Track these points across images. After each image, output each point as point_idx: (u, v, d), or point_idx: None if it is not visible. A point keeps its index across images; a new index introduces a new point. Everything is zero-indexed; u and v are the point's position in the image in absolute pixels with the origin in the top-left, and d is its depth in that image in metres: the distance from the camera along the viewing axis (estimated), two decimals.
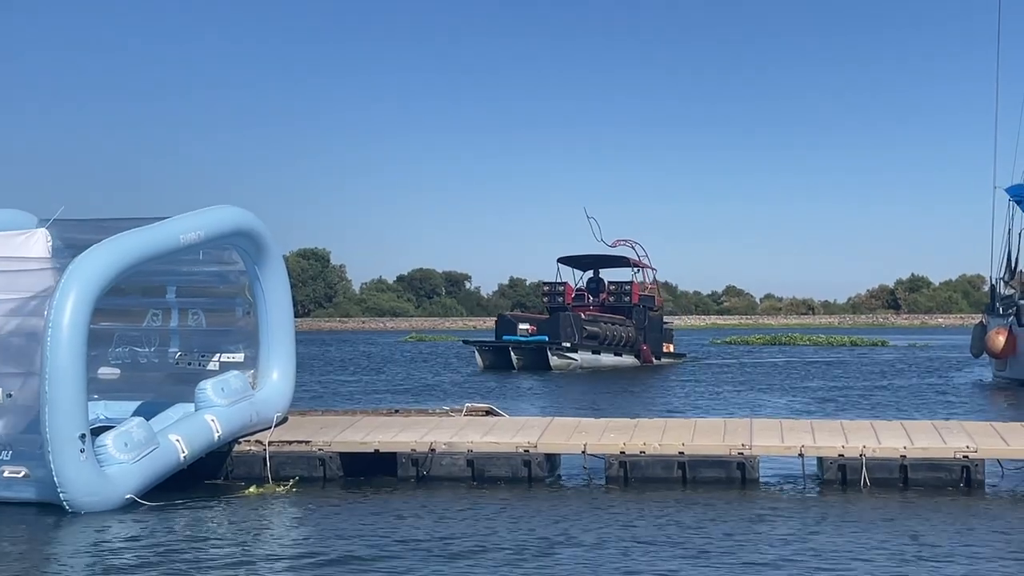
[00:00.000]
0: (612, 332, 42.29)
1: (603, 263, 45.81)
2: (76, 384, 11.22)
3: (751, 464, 13.09)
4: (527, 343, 41.24)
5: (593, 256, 45.23)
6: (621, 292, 44.51)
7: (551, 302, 44.68)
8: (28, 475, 11.42)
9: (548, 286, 45.68)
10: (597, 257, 45.35)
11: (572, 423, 14.80)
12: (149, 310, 14.51)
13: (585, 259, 45.51)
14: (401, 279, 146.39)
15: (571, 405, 25.20)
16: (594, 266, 45.83)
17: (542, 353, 40.66)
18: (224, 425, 13.09)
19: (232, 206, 13.68)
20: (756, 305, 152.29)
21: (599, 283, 45.52)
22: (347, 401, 26.36)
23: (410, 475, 13.35)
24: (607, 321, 42.33)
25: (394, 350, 62.37)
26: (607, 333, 42.05)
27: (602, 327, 41.88)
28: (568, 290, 44.67)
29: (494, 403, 17.62)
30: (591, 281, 45.69)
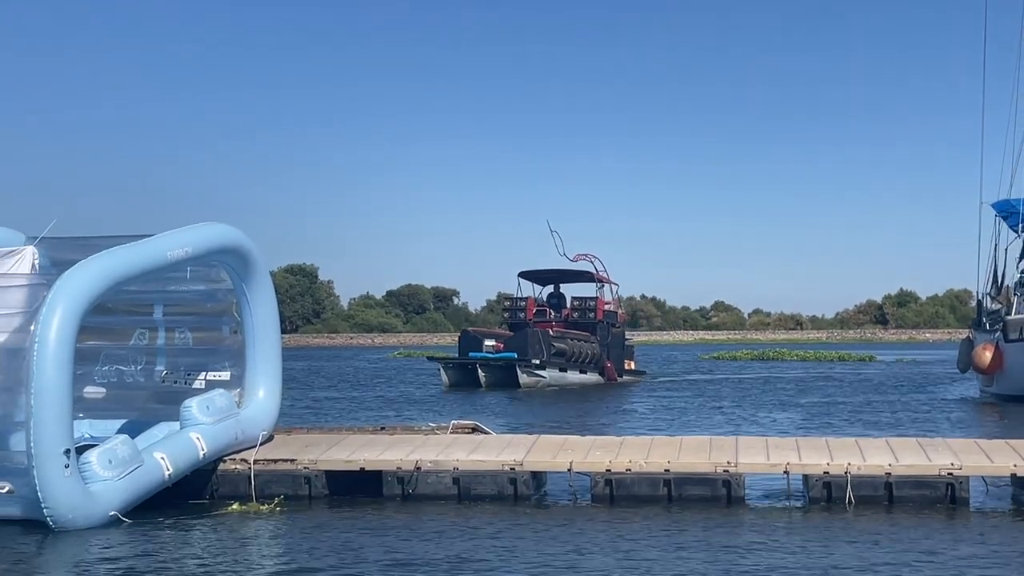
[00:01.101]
0: (578, 349, 41.32)
1: (565, 278, 44.75)
2: (62, 400, 11.21)
3: (737, 482, 13.11)
4: (495, 360, 40.17)
5: (555, 271, 44.15)
6: (585, 308, 43.35)
7: (512, 317, 43.61)
8: (12, 491, 11.39)
9: (509, 301, 44.72)
10: (559, 272, 44.25)
11: (558, 441, 14.80)
12: (136, 328, 14.48)
13: (546, 274, 44.48)
14: (390, 295, 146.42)
15: (549, 423, 25.16)
16: (555, 281, 44.79)
17: (511, 370, 39.67)
18: (209, 443, 13.07)
19: (219, 223, 13.68)
20: (744, 320, 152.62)
21: (560, 298, 44.53)
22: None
23: (396, 493, 13.34)
24: (573, 338, 41.41)
25: (362, 367, 62.23)
26: (573, 350, 41.09)
27: (569, 343, 40.94)
28: (530, 305, 43.55)
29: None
30: (552, 296, 44.64)
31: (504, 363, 39.89)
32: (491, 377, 39.85)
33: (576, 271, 44.16)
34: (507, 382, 39.36)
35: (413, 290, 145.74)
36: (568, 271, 44.12)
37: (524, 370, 39.54)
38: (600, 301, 43.54)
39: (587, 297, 43.86)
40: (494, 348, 40.60)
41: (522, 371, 39.48)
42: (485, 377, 39.83)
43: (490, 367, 40.05)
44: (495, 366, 40.08)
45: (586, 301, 43.59)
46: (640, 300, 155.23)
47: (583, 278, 44.44)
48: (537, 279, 44.75)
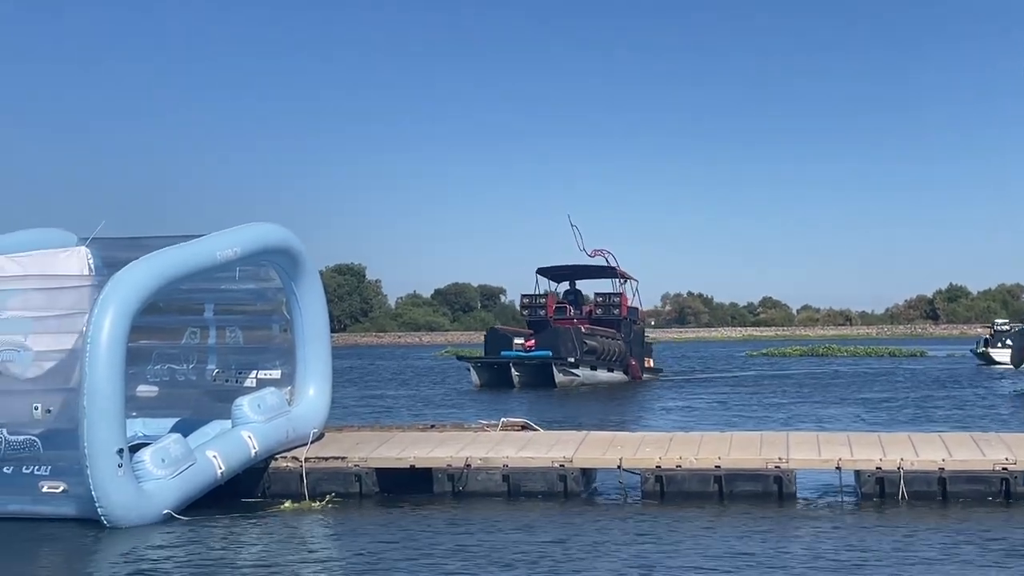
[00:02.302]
0: (606, 347, 40.10)
1: (584, 273, 43.46)
2: (114, 400, 11.32)
3: (788, 478, 13.02)
4: (529, 359, 38.89)
5: (575, 267, 42.83)
6: (609, 304, 42.02)
7: (532, 315, 42.37)
8: (67, 490, 11.51)
9: (528, 298, 43.22)
10: (578, 267, 42.90)
11: (607, 438, 14.77)
12: (187, 328, 14.59)
13: (565, 270, 43.11)
14: (437, 293, 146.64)
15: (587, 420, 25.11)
16: (573, 276, 43.56)
17: (545, 369, 38.37)
18: (261, 441, 13.15)
19: (268, 223, 13.75)
20: (793, 316, 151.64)
21: (577, 294, 43.48)
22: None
23: (446, 490, 13.35)
24: (602, 335, 40.20)
25: (395, 366, 62.33)
26: (603, 347, 39.89)
27: (599, 341, 39.75)
28: (550, 302, 42.43)
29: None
30: (568, 292, 43.47)
31: (539, 362, 38.71)
32: (524, 376, 38.64)
33: (597, 267, 43.00)
34: (541, 381, 38.15)
35: (460, 288, 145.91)
36: (589, 267, 42.98)
37: (560, 369, 38.32)
38: (624, 297, 42.54)
39: (611, 293, 42.61)
40: (524, 346, 39.46)
41: (558, 370, 38.25)
42: (518, 376, 38.59)
43: (524, 366, 38.87)
44: (529, 365, 38.89)
45: (609, 297, 42.39)
46: (687, 297, 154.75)
47: (603, 274, 43.32)
48: (555, 275, 43.50)
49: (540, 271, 43.02)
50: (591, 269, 43.12)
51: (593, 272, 43.42)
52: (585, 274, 43.68)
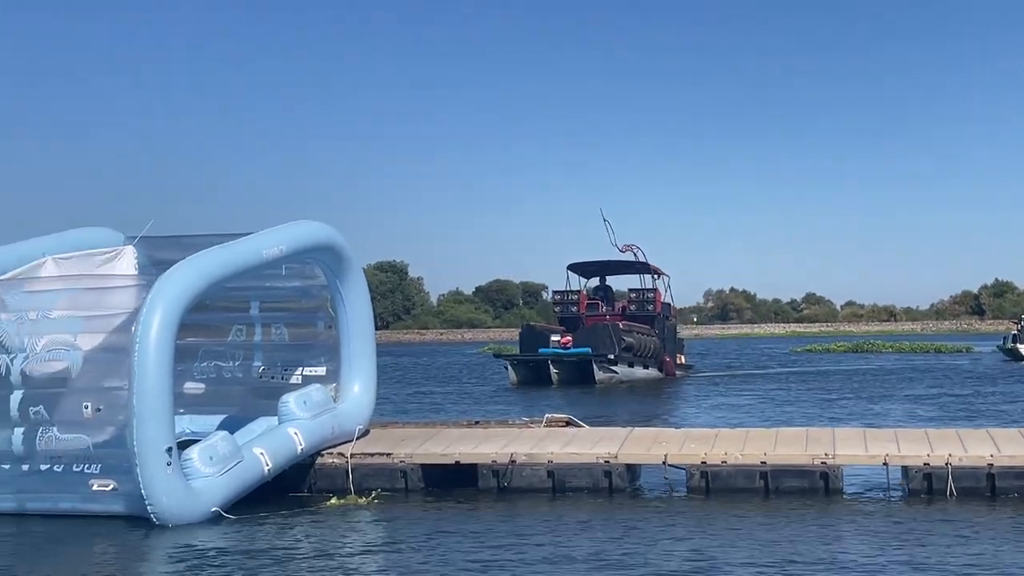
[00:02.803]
0: (642, 343, 39.36)
1: (616, 269, 42.76)
2: (163, 398, 11.41)
3: (834, 474, 12.94)
4: (568, 356, 38.09)
5: (605, 262, 42.08)
6: (643, 300, 41.39)
7: (564, 311, 41.68)
8: (116, 488, 11.61)
9: (560, 295, 42.67)
10: (610, 263, 42.18)
11: (652, 434, 14.74)
12: (233, 325, 14.68)
13: (596, 265, 42.35)
14: (478, 291, 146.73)
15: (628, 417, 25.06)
16: (606, 272, 42.89)
17: (585, 367, 37.57)
18: (307, 438, 13.21)
19: (313, 221, 13.82)
20: (837, 312, 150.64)
21: (607, 290, 42.81)
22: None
23: (491, 486, 13.38)
24: (638, 331, 39.44)
25: (430, 363, 62.39)
26: (639, 344, 39.13)
27: (636, 338, 38.97)
28: (582, 298, 41.73)
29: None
30: (598, 288, 42.75)
31: (578, 359, 37.88)
32: (563, 373, 37.86)
33: (630, 262, 42.35)
34: (580, 378, 37.41)
35: (502, 286, 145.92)
36: (621, 262, 42.34)
37: (599, 366, 37.55)
38: (658, 293, 41.91)
39: (645, 289, 42.00)
40: (560, 343, 38.63)
41: (597, 367, 37.48)
42: (557, 374, 37.80)
43: (563, 363, 38.05)
44: (568, 362, 38.06)
45: (643, 293, 41.75)
46: (730, 293, 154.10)
47: (636, 269, 42.63)
48: (586, 271, 42.84)
49: (571, 267, 42.47)
50: (623, 265, 42.59)
51: (625, 267, 42.86)
52: (617, 270, 43.15)
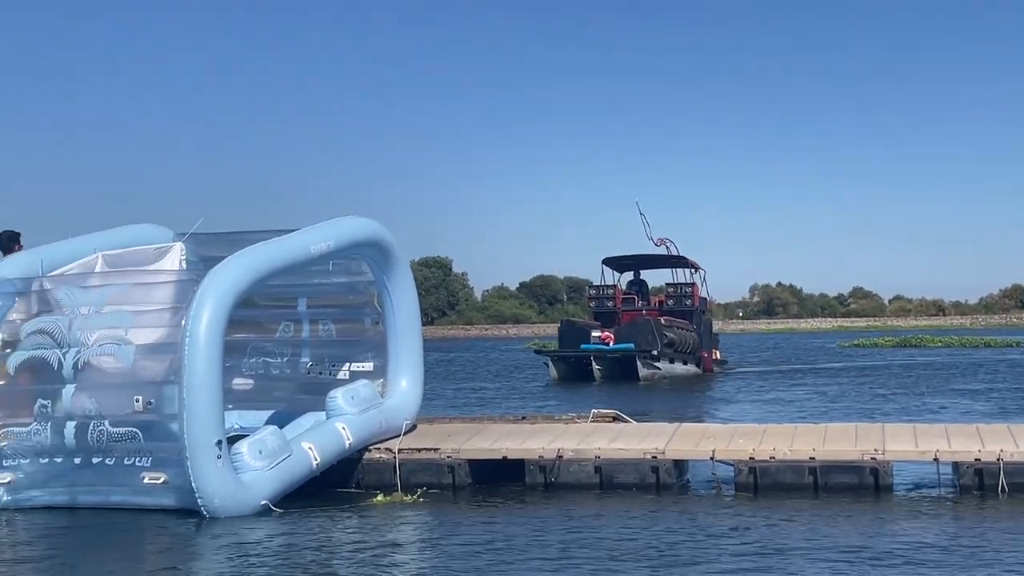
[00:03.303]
0: (683, 338, 38.87)
1: (652, 263, 42.22)
2: (212, 392, 11.50)
3: (884, 470, 12.84)
4: (611, 352, 37.54)
5: (641, 256, 41.59)
6: (681, 295, 40.74)
7: (599, 306, 41.02)
8: (167, 481, 11.71)
9: (595, 289, 41.96)
10: (646, 257, 41.69)
11: (699, 429, 14.70)
12: (281, 321, 14.76)
13: (632, 259, 41.75)
14: (523, 286, 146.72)
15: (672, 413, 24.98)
16: (643, 266, 42.30)
17: (629, 363, 37.00)
18: (355, 433, 13.27)
19: (360, 217, 13.88)
20: (884, 307, 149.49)
21: (642, 285, 42.16)
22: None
23: (538, 482, 13.38)
24: (679, 327, 38.95)
25: (470, 359, 62.44)
26: (680, 340, 38.66)
27: (677, 333, 38.51)
28: (617, 293, 41.15)
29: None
30: (633, 283, 42.09)
31: (621, 355, 37.33)
32: (606, 370, 37.30)
33: (666, 256, 41.83)
34: (624, 375, 36.84)
35: (546, 281, 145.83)
36: (657, 256, 41.84)
37: (643, 362, 37.08)
38: (696, 288, 41.28)
39: (683, 284, 41.37)
40: (602, 339, 38.15)
41: (641, 363, 37.00)
42: (599, 370, 37.19)
43: (605, 360, 37.50)
44: (611, 359, 37.52)
45: (681, 287, 41.13)
46: (776, 288, 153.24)
47: (673, 263, 42.05)
48: (621, 265, 42.22)
49: (606, 261, 41.86)
50: (659, 258, 42.06)
51: (662, 261, 42.30)
52: (653, 263, 42.57)
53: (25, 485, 12.22)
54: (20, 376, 12.38)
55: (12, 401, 12.39)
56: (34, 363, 12.33)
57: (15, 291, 12.71)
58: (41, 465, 12.18)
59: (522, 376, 42.22)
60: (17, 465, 12.21)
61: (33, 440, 12.13)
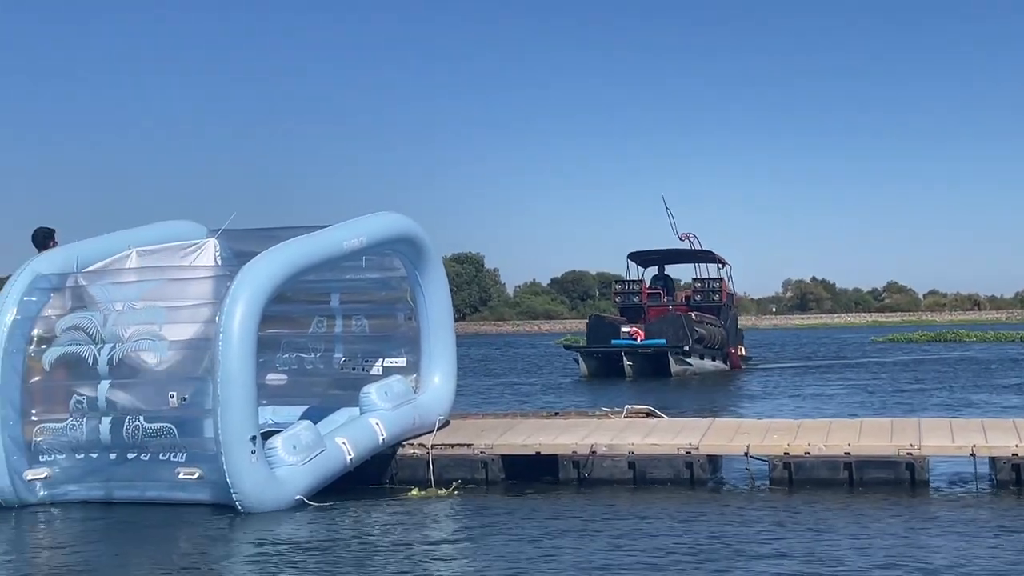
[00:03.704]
0: (712, 334, 38.40)
1: (678, 258, 41.68)
2: (246, 388, 11.53)
3: (920, 465, 12.74)
4: (642, 348, 37.02)
5: (667, 251, 41.00)
6: (709, 290, 40.12)
7: (625, 301, 40.42)
8: (202, 476, 11.75)
9: (621, 284, 41.38)
10: (672, 251, 41.09)
11: (733, 424, 14.64)
12: (314, 316, 14.80)
13: (655, 254, 41.16)
14: (554, 282, 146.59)
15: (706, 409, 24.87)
16: (668, 261, 41.75)
17: (660, 359, 36.51)
18: (388, 428, 13.28)
19: (393, 212, 13.88)
20: (919, 301, 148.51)
21: (667, 280, 41.61)
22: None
23: (571, 477, 13.35)
24: (708, 323, 38.45)
25: (501, 355, 62.39)
26: (709, 335, 38.18)
27: (706, 329, 38.01)
28: (643, 288, 40.50)
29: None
30: (657, 278, 41.45)
31: (654, 351, 36.80)
32: (637, 366, 36.73)
33: (693, 251, 41.32)
34: (654, 371, 36.35)
35: (577, 276, 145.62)
36: (684, 251, 41.35)
37: (675, 358, 36.63)
38: (724, 283, 40.72)
39: (710, 279, 40.84)
40: (631, 335, 37.62)
41: (674, 359, 36.56)
42: (630, 366, 36.57)
43: (637, 356, 36.96)
44: (642, 354, 37.01)
45: (708, 282, 40.58)
46: (809, 283, 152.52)
47: (699, 258, 41.54)
48: (647, 260, 41.68)
49: (632, 256, 41.40)
50: (685, 253, 41.57)
51: (688, 256, 41.79)
52: (679, 258, 42.08)
53: (61, 480, 12.31)
54: (56, 372, 12.45)
55: (48, 396, 12.47)
56: (69, 359, 12.41)
57: (50, 287, 12.79)
58: (77, 460, 12.26)
59: (553, 372, 42.15)
60: (53, 460, 12.30)
61: (69, 435, 12.21)
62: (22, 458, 12.23)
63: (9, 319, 12.40)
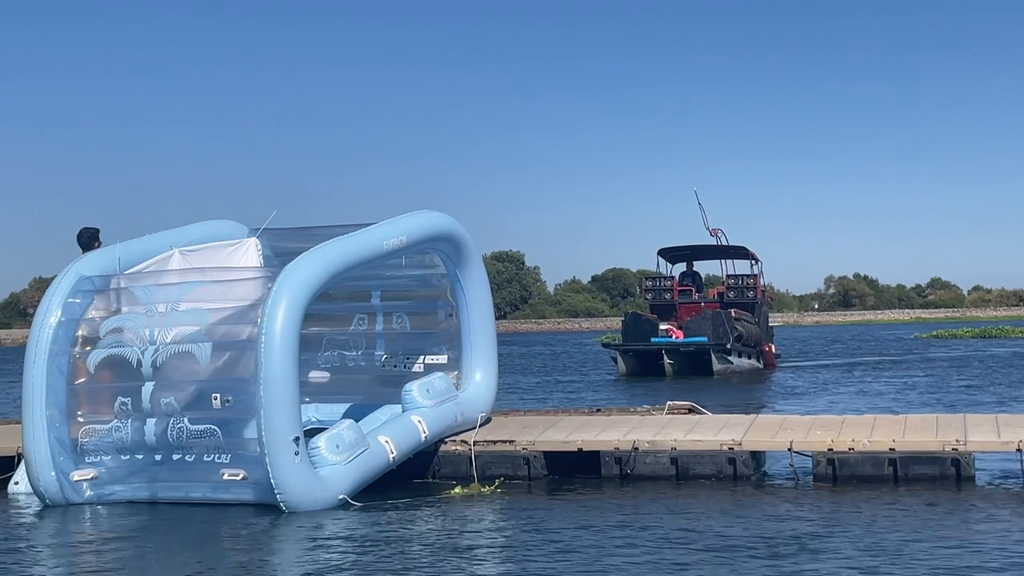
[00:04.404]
0: (749, 331, 37.63)
1: (710, 254, 40.91)
2: (289, 388, 11.56)
3: (966, 461, 12.61)
4: (684, 346, 36.21)
5: (698, 246, 40.36)
6: (743, 287, 39.22)
7: (656, 298, 39.44)
8: (246, 477, 11.80)
9: (651, 281, 40.46)
10: (704, 247, 40.42)
11: (776, 420, 14.56)
12: (355, 314, 14.84)
13: (685, 250, 40.37)
14: (595, 279, 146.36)
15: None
16: (693, 257, 40.91)
17: (703, 357, 35.83)
18: (430, 426, 13.31)
19: (433, 211, 13.89)
20: (963, 298, 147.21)
21: (695, 276, 40.68)
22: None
23: (614, 473, 13.33)
24: (745, 320, 37.67)
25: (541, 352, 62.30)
26: (747, 333, 37.45)
27: (744, 326, 37.28)
28: (675, 285, 39.70)
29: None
30: (686, 275, 40.54)
31: (695, 348, 36.07)
32: (677, 364, 35.98)
33: (724, 246, 40.62)
34: (697, 369, 35.68)
35: (618, 274, 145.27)
36: (715, 247, 40.69)
37: (718, 356, 35.96)
38: (758, 279, 39.93)
39: (745, 275, 39.94)
40: (668, 332, 36.85)
41: (716, 357, 35.87)
42: (671, 365, 35.86)
43: (679, 354, 36.21)
44: (684, 353, 36.25)
45: (743, 279, 39.66)
46: (852, 279, 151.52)
47: (729, 253, 40.79)
48: (675, 256, 40.84)
49: (662, 252, 40.68)
50: (717, 249, 40.91)
51: (719, 252, 41.06)
52: (711, 254, 41.30)
53: (107, 480, 12.40)
54: (100, 373, 12.54)
55: (93, 398, 12.57)
56: (113, 360, 12.49)
57: (94, 289, 12.88)
58: (123, 461, 12.35)
59: (595, 369, 42.07)
60: (100, 461, 12.39)
61: (114, 436, 12.29)
62: (68, 459, 12.34)
63: (54, 321, 12.51)
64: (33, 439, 12.27)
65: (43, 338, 12.43)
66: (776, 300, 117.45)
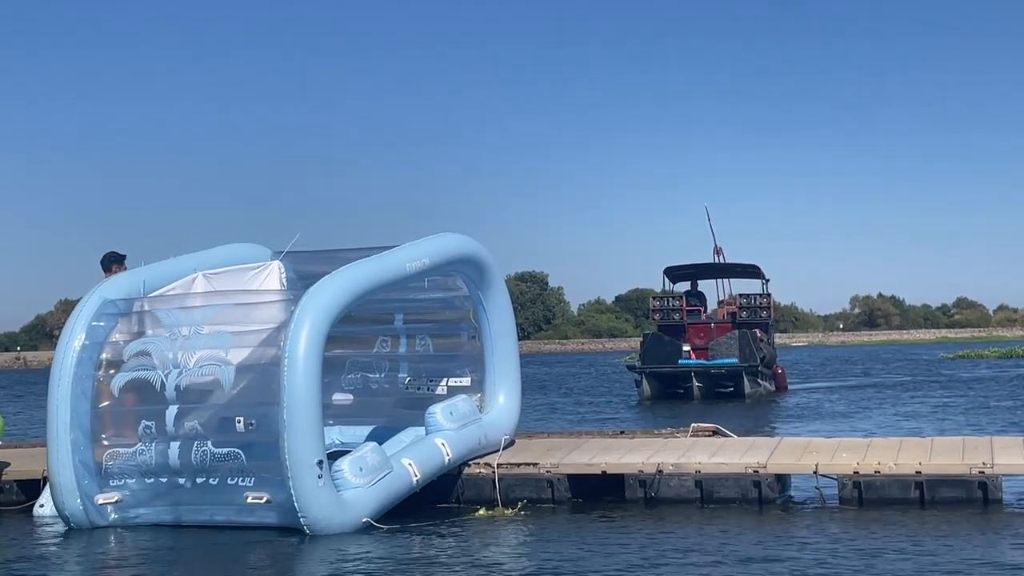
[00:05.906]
0: (769, 353, 36.90)
1: (717, 272, 40.03)
2: (313, 412, 11.55)
3: (993, 484, 12.50)
4: (715, 368, 35.32)
5: (702, 265, 39.61)
6: (757, 307, 38.17)
7: (664, 318, 38.24)
8: (270, 500, 11.79)
9: (659, 300, 39.41)
10: (710, 266, 39.68)
11: (802, 443, 14.47)
12: (378, 337, 14.83)
13: (692, 268, 39.59)
14: (619, 299, 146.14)
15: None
16: (698, 276, 39.83)
17: (734, 379, 34.84)
18: (454, 448, 13.28)
19: (455, 234, 13.89)
20: (989, 317, 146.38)
21: (700, 296, 39.59)
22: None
23: (638, 496, 13.26)
24: (764, 341, 36.83)
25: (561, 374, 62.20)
26: (768, 354, 36.69)
27: (765, 347, 36.50)
28: (683, 304, 38.46)
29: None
30: (690, 294, 39.37)
31: (727, 370, 35.26)
32: (705, 387, 35.15)
33: (733, 264, 39.87)
34: (725, 392, 34.89)
35: (642, 294, 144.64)
36: (724, 265, 39.93)
37: (750, 379, 35.01)
38: (771, 299, 39.05)
39: (757, 294, 38.94)
40: (689, 354, 36.05)
41: (748, 380, 34.91)
42: (699, 387, 34.99)
43: (708, 375, 35.34)
44: (714, 375, 35.41)
45: (755, 298, 38.60)
46: (877, 299, 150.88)
47: (738, 272, 40.05)
48: (682, 275, 40.01)
49: (668, 271, 39.97)
50: (726, 267, 40.13)
51: (727, 271, 40.30)
52: (719, 272, 40.36)
53: (132, 503, 12.41)
54: (124, 397, 12.57)
55: (118, 421, 12.60)
56: (137, 384, 12.51)
57: (118, 312, 12.92)
58: (147, 484, 12.36)
59: (619, 391, 41.90)
60: (124, 484, 12.40)
61: (138, 460, 12.30)
62: (93, 482, 12.36)
63: (78, 344, 12.55)
64: (58, 462, 12.31)
65: (68, 361, 12.48)
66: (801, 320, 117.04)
